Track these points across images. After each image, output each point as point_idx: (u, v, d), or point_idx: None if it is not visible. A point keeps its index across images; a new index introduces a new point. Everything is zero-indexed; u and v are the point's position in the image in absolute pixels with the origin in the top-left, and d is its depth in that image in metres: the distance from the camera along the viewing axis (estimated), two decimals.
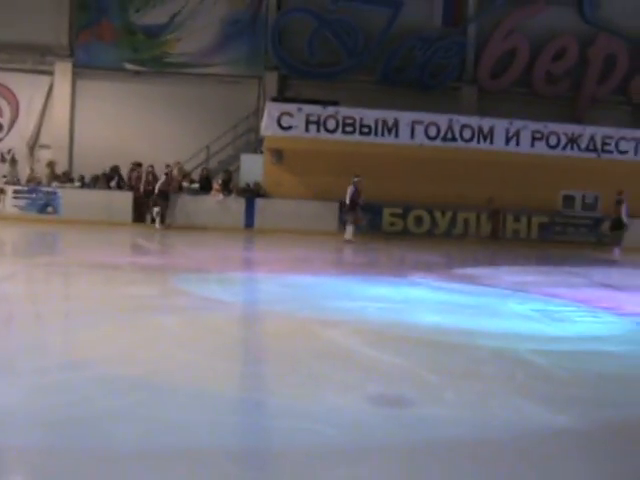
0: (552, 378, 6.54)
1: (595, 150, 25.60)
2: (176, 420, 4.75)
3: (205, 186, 24.80)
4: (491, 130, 24.93)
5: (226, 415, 5.00)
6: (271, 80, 27.46)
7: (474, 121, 25.09)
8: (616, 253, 21.10)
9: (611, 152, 25.64)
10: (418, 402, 5.53)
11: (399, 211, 24.44)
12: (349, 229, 22.19)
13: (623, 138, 25.81)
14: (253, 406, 5.25)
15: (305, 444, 4.49)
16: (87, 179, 25.16)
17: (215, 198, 23.98)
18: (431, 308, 10.08)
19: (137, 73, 26.94)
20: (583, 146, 25.57)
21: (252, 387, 5.84)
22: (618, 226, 21.76)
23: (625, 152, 25.71)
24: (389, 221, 24.40)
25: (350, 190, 22.13)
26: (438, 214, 24.88)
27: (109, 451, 4.19)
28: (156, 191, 22.86)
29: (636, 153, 25.79)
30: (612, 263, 20.05)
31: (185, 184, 24.84)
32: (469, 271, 15.73)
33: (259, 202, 23.84)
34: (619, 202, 21.85)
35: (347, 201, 22.21)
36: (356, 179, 22.14)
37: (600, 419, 5.43)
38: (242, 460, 4.28)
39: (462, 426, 5.03)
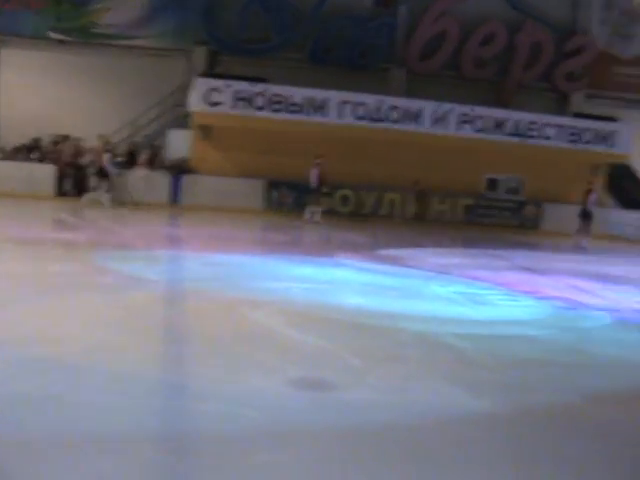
0: (473, 362, 6.63)
1: (520, 135, 25.92)
2: (94, 403, 4.69)
3: (130, 161, 24.42)
4: (419, 112, 25.05)
5: (146, 398, 4.94)
6: (200, 55, 27.09)
7: (402, 102, 25.19)
8: (584, 242, 21.53)
9: (535, 138, 25.98)
10: (340, 386, 5.55)
11: (327, 190, 24.42)
12: (312, 210, 22.34)
13: (547, 124, 26.18)
14: (174, 389, 5.21)
15: (227, 427, 4.48)
16: (9, 150, 24.60)
17: (139, 173, 23.63)
18: (355, 289, 10.12)
19: (61, 42, 26.30)
20: (508, 131, 25.86)
21: (174, 369, 5.79)
22: (587, 215, 22.18)
23: (548, 138, 26.08)
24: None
25: (314, 172, 22.24)
26: (364, 194, 24.98)
27: (23, 437, 4.10)
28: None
29: (559, 139, 26.18)
30: (581, 250, 20.62)
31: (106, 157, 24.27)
32: (394, 252, 15.82)
33: (186, 178, 23.57)
34: (588, 191, 22.35)
35: (314, 183, 22.31)
36: (318, 160, 22.21)
37: (520, 403, 5.52)
38: (162, 444, 4.23)
39: (384, 410, 5.07)
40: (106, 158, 21.96)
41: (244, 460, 4.05)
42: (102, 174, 21.76)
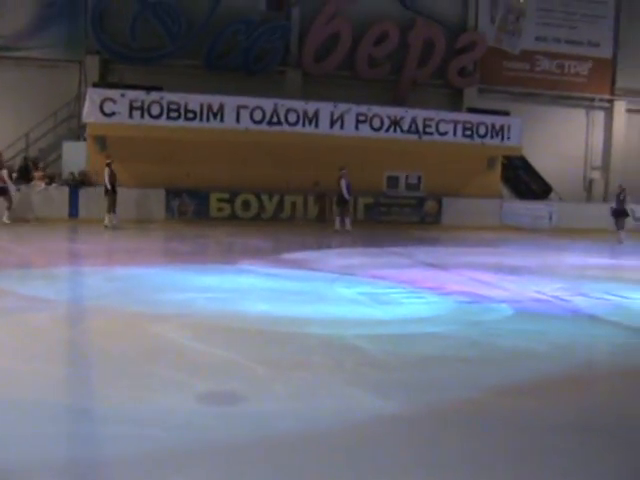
0: (379, 364, 6.70)
1: (417, 132, 26.27)
2: None
3: (25, 176, 23.87)
4: (316, 113, 25.16)
5: (48, 425, 4.80)
6: (92, 64, 26.63)
7: (299, 105, 25.24)
8: (622, 236, 22.94)
9: (432, 134, 26.38)
10: (248, 397, 5.55)
11: (226, 196, 24.35)
12: (346, 220, 22.84)
13: (443, 120, 26.60)
14: (78, 414, 5.11)
15: (135, 451, 4.40)
16: None
17: (37, 188, 23.13)
18: (260, 296, 10.10)
19: None
20: (405, 128, 26.18)
21: (77, 393, 5.67)
22: (624, 213, 23.64)
23: (445, 133, 26.52)
24: (216, 207, 24.24)
25: (344, 183, 22.70)
26: (265, 198, 24.95)
27: None
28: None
29: (455, 134, 26.65)
30: (618, 244, 22.38)
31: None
32: (297, 255, 15.88)
33: (83, 191, 23.15)
34: (621, 193, 23.65)
35: (346, 195, 22.87)
36: (343, 171, 22.85)
37: (424, 403, 5.59)
38: (66, 473, 4.14)
39: (292, 419, 5.08)
40: (4, 174, 21.53)
41: (154, 478, 4.01)
42: (1, 192, 21.39)
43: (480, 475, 4.32)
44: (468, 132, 26.79)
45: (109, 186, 21.45)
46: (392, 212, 26.35)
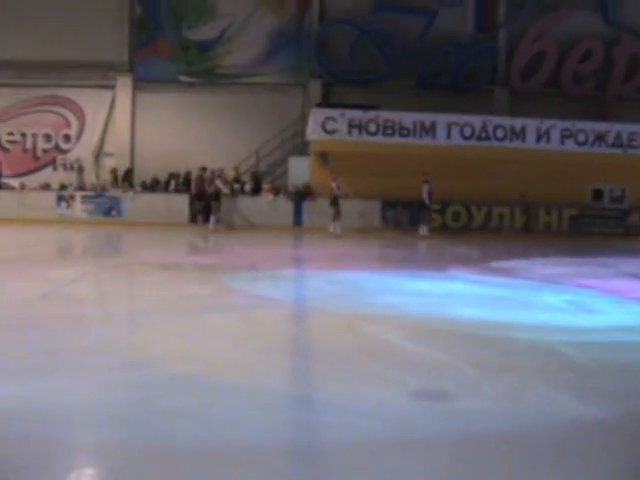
0: (584, 370, 6.46)
1: (621, 146, 25.22)
2: (231, 416, 4.77)
3: (256, 188, 24.90)
4: (523, 129, 24.64)
5: (278, 411, 4.99)
6: (315, 87, 27.41)
7: (507, 121, 24.83)
8: None
9: (637, 148, 25.23)
10: (457, 395, 5.49)
11: (437, 207, 24.30)
12: (423, 227, 22.98)
13: None
14: (302, 401, 5.25)
15: (354, 439, 4.46)
16: (148, 183, 25.48)
17: (265, 199, 24.07)
18: (468, 301, 9.99)
19: (191, 84, 27.15)
20: (610, 142, 25.19)
21: (302, 383, 5.84)
22: None
23: None
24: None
25: (426, 188, 22.76)
26: (474, 209, 24.73)
27: (169, 448, 4.22)
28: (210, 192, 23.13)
29: None
30: None
31: (237, 186, 24.94)
32: (504, 264, 15.60)
33: (307, 202, 23.86)
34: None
35: (426, 200, 22.92)
36: (426, 177, 22.97)
37: (625, 411, 5.35)
38: (292, 454, 4.28)
39: (499, 418, 5.00)
40: (219, 182, 22.63)
41: (371, 466, 4.05)
42: (216, 197, 22.40)
43: None
44: None
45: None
46: (596, 224, 25.41)
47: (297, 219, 23.68)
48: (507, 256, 18.08)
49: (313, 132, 24.20)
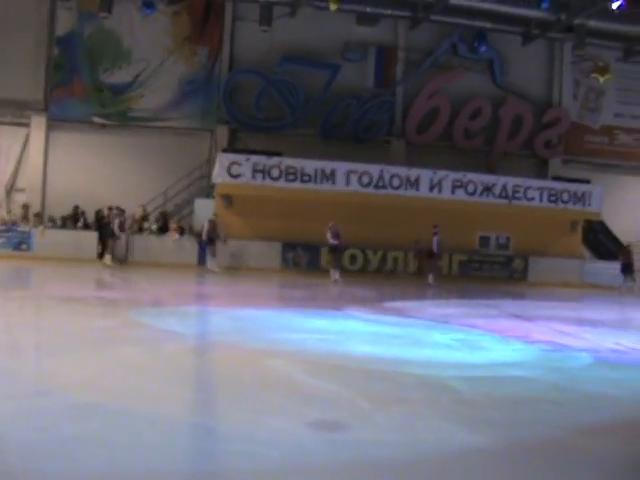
0: (471, 402, 6.56)
1: (507, 197, 26.01)
2: (132, 443, 4.67)
3: (163, 227, 24.62)
4: (417, 179, 25.17)
5: (179, 439, 4.91)
6: (222, 133, 27.40)
7: (402, 171, 25.31)
8: None
9: (520, 199, 26.10)
10: (353, 426, 5.50)
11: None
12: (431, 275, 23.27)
13: (530, 187, 26.29)
14: (204, 431, 5.18)
15: (251, 466, 4.42)
16: (58, 220, 24.90)
17: (172, 238, 23.81)
18: (364, 339, 10.05)
19: (103, 126, 26.72)
20: (497, 193, 25.95)
21: (203, 413, 5.75)
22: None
23: (532, 199, 26.18)
24: (326, 259, 24.26)
25: (435, 239, 23.33)
26: (370, 253, 25.00)
27: (71, 474, 4.09)
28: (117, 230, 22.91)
29: (541, 200, 26.29)
30: None
31: (147, 224, 24.68)
32: (397, 304, 15.80)
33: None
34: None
35: (436, 250, 23.43)
36: (436, 229, 23.30)
37: (511, 440, 5.45)
38: None
39: (391, 447, 5.01)
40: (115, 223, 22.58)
41: None
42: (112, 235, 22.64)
43: None
44: (553, 198, 26.39)
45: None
46: (483, 268, 26.05)
47: (202, 259, 23.44)
48: (400, 297, 18.30)
49: (219, 175, 24.13)
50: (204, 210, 24.60)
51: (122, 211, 23.82)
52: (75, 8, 26.43)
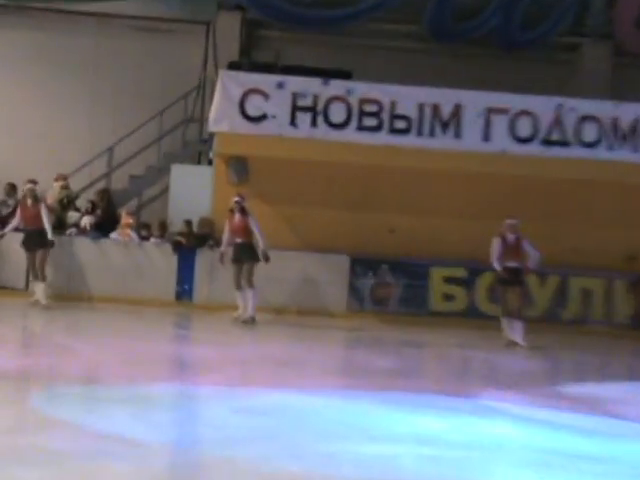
0: None
1: None
2: None
3: (105, 221, 24.54)
4: (635, 127, 24.73)
5: None
6: (229, 29, 27.44)
7: (605, 109, 24.91)
8: None
9: None
10: None
11: (461, 274, 24.42)
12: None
13: None
14: None
15: None
16: None
17: (123, 239, 23.75)
18: (521, 461, 9.93)
19: None
20: None
21: None
22: None
23: None
24: (441, 291, 24.17)
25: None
26: (535, 279, 24.72)
27: None
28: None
29: None
30: None
31: (71, 215, 24.67)
32: (590, 389, 15.73)
33: (203, 254, 23.59)
34: None
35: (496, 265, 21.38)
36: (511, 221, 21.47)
37: None
38: None
39: None
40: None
41: None
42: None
43: None
44: None
45: None
46: None
47: (183, 286, 23.38)
48: (596, 374, 18.41)
49: (222, 118, 24.08)
50: (190, 188, 24.58)
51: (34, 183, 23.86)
52: None
